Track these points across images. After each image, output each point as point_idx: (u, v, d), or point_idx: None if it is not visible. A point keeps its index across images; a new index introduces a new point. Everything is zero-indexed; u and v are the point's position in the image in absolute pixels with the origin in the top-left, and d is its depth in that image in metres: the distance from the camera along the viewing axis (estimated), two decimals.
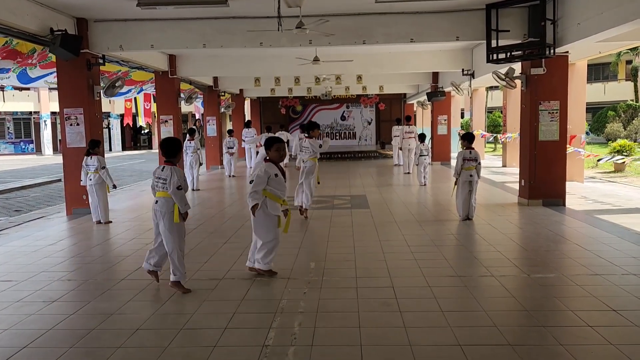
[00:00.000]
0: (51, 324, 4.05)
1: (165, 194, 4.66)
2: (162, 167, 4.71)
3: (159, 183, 4.69)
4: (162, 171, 4.69)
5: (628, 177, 13.67)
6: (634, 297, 4.38)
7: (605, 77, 35.54)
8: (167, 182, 4.61)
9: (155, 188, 4.75)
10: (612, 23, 6.45)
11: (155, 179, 4.74)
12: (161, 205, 4.67)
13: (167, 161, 4.73)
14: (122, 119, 33.68)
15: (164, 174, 4.65)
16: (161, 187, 4.68)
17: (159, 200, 4.70)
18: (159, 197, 4.70)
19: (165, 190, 4.65)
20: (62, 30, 7.88)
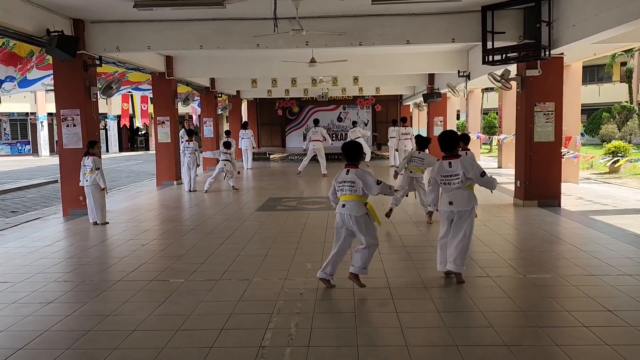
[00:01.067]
0: (47, 325, 4.04)
1: (353, 197, 4.58)
2: (347, 171, 4.64)
3: (345, 186, 4.60)
4: (346, 175, 4.62)
5: (623, 178, 13.74)
6: (629, 297, 4.40)
7: (600, 79, 35.69)
8: (356, 184, 4.56)
9: (342, 192, 4.64)
10: (607, 25, 6.48)
11: (340, 184, 4.65)
12: (350, 209, 4.57)
13: (350, 164, 4.67)
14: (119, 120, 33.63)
15: (349, 177, 4.59)
16: (348, 190, 4.59)
17: (346, 203, 4.60)
18: (346, 201, 4.60)
19: (353, 194, 4.57)
20: (58, 31, 7.88)
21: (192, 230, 7.64)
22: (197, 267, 5.57)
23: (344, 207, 4.59)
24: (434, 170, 4.99)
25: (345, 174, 4.63)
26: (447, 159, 4.84)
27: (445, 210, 4.86)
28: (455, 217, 4.80)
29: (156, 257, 6.14)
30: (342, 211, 4.61)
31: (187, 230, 7.67)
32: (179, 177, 13.51)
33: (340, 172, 4.70)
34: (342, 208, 4.61)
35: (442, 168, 4.82)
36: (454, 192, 4.76)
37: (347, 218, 4.58)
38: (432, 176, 5.01)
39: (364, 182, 4.55)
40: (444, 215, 4.90)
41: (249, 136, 18.25)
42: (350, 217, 4.56)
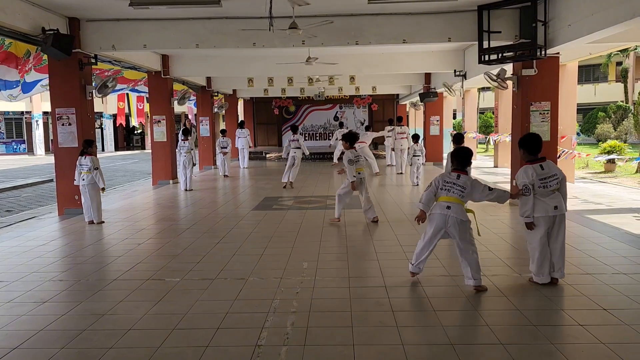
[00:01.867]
0: (42, 324, 4.03)
1: (455, 200, 4.55)
2: (458, 176, 4.60)
3: (454, 188, 4.56)
4: (457, 179, 4.57)
5: (618, 177, 13.78)
6: (624, 296, 4.42)
7: (596, 79, 35.83)
8: (462, 187, 4.53)
9: (448, 192, 4.58)
10: (602, 24, 6.50)
11: (447, 184, 4.60)
12: (455, 212, 4.54)
13: (460, 170, 4.64)
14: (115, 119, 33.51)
15: (460, 181, 4.55)
16: (457, 193, 4.56)
17: (451, 205, 4.55)
18: (451, 203, 4.56)
19: (455, 196, 4.55)
20: (54, 29, 7.85)
21: (188, 230, 7.62)
22: (193, 266, 5.56)
23: (449, 208, 4.55)
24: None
25: (456, 178, 4.59)
26: (456, 172, 4.67)
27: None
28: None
29: (152, 256, 6.13)
30: (446, 212, 4.56)
31: (183, 230, 7.65)
32: (175, 176, 13.49)
33: (450, 174, 4.63)
34: (446, 209, 4.56)
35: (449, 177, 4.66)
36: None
37: (452, 220, 4.54)
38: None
39: (474, 189, 4.56)
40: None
41: (245, 135, 18.23)
42: (455, 219, 4.53)
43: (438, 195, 4.65)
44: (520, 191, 4.67)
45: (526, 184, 4.60)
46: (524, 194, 4.62)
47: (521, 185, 4.65)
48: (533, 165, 4.66)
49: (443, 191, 4.60)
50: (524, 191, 4.62)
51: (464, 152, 4.74)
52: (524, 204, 4.64)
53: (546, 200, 4.61)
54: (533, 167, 4.64)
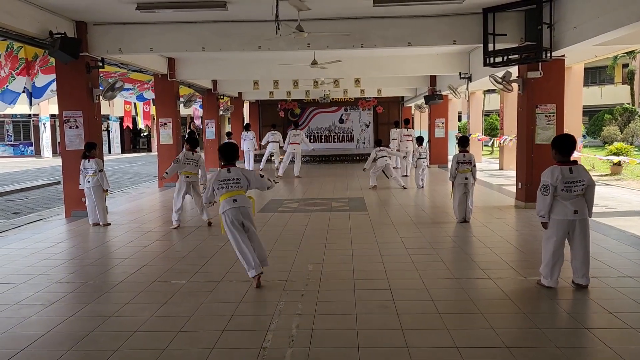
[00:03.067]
0: (49, 326, 4.06)
1: (242, 192, 4.88)
2: (228, 170, 4.88)
3: (231, 183, 4.85)
4: (228, 173, 4.86)
5: (625, 179, 13.72)
6: (630, 299, 4.40)
7: (602, 81, 35.67)
8: (241, 180, 4.85)
9: (228, 189, 4.84)
10: (608, 27, 6.49)
11: (224, 182, 4.86)
12: (242, 201, 4.86)
13: (229, 164, 4.92)
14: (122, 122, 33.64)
15: (233, 175, 4.85)
16: (234, 186, 4.85)
17: (237, 198, 4.84)
18: (238, 196, 4.85)
19: (240, 189, 4.86)
20: (61, 33, 7.91)
21: (193, 232, 7.65)
22: (199, 269, 5.59)
23: (235, 201, 4.84)
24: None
25: (227, 172, 4.86)
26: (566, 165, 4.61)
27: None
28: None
29: (158, 258, 6.16)
30: (235, 205, 4.84)
31: (188, 232, 7.68)
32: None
33: (221, 172, 4.90)
34: (234, 203, 4.84)
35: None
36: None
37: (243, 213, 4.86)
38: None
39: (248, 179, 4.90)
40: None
41: (251, 138, 18.27)
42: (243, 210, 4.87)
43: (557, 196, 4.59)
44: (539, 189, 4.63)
45: (547, 184, 4.54)
46: (542, 193, 4.57)
47: (541, 184, 4.60)
48: (562, 166, 4.56)
49: (563, 192, 4.53)
50: (542, 190, 4.58)
51: (227, 148, 5.03)
52: (540, 202, 4.61)
53: (567, 203, 4.55)
54: (561, 169, 4.54)
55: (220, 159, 4.97)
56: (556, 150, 4.63)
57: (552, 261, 4.66)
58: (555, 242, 4.63)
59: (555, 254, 4.65)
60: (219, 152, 4.98)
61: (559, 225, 4.60)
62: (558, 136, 4.82)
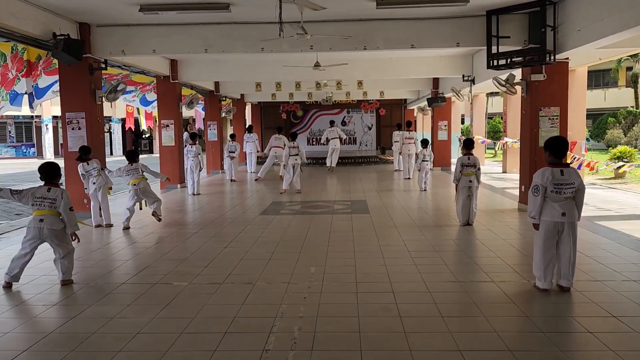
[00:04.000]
0: (51, 327, 4.06)
1: (54, 213, 5.06)
2: (48, 189, 5.07)
3: (45, 203, 5.04)
4: (48, 192, 5.05)
5: (628, 183, 13.68)
6: (634, 303, 4.38)
7: (606, 84, 35.62)
8: (57, 202, 5.05)
9: (40, 207, 5.04)
10: (612, 30, 6.47)
11: (39, 199, 5.05)
12: (50, 223, 5.05)
13: (51, 183, 5.14)
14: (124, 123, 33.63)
15: (51, 195, 5.05)
16: (48, 206, 5.04)
17: (45, 218, 5.03)
18: (46, 216, 5.04)
19: (53, 210, 5.05)
20: (64, 34, 7.94)
21: (195, 234, 7.65)
22: (201, 271, 5.58)
23: (42, 221, 5.03)
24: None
25: (47, 191, 5.06)
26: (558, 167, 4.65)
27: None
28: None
29: (160, 260, 6.16)
30: (39, 225, 5.07)
31: (190, 234, 7.68)
32: (182, 181, 13.55)
33: (39, 189, 5.12)
34: (40, 222, 5.05)
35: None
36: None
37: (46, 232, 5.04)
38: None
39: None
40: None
41: (253, 140, 18.28)
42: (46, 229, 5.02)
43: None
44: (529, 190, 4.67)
45: (537, 185, 4.57)
46: (533, 194, 4.60)
47: (532, 185, 4.64)
48: (553, 168, 4.58)
49: (42, 208, 5.03)
50: (533, 191, 4.61)
51: (48, 167, 5.21)
52: (530, 203, 4.66)
53: (555, 205, 4.58)
54: (552, 170, 4.57)
55: (41, 178, 5.17)
56: (549, 152, 4.66)
57: (544, 262, 4.67)
58: (544, 244, 4.65)
59: (545, 255, 4.66)
60: (40, 171, 5.19)
61: (547, 227, 4.63)
62: (550, 138, 4.84)
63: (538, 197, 4.56)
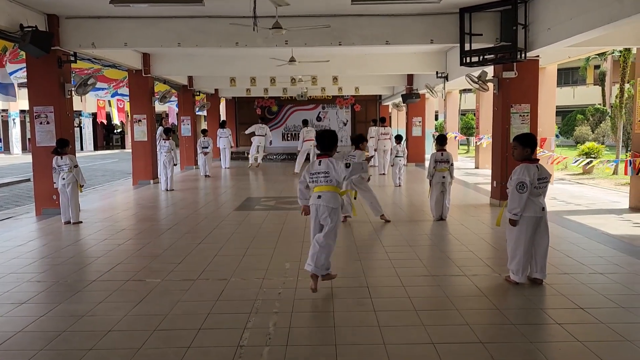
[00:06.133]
0: (20, 326, 3.96)
1: (329, 188, 4.50)
2: (319, 162, 4.54)
3: (320, 177, 4.51)
4: (319, 165, 4.53)
5: (596, 179, 14.05)
6: (600, 295, 4.51)
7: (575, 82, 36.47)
8: (330, 174, 4.48)
9: (316, 183, 4.54)
10: (581, 28, 6.62)
11: (314, 174, 4.54)
12: (327, 200, 4.49)
13: (324, 154, 4.59)
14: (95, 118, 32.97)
15: (323, 168, 4.50)
16: (323, 181, 4.50)
17: (322, 195, 4.50)
18: (323, 192, 4.50)
19: (329, 184, 4.50)
20: (32, 26, 7.72)
21: (169, 230, 7.56)
22: (174, 267, 5.52)
23: (320, 198, 4.51)
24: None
25: (318, 165, 4.56)
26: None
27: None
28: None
29: (132, 257, 6.06)
30: (318, 202, 4.52)
31: (163, 230, 7.59)
32: (155, 176, 13.36)
33: (313, 164, 4.63)
34: (317, 199, 4.53)
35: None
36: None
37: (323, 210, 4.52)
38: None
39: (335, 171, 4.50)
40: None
41: (227, 135, 18.14)
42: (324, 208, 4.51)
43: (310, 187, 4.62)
44: (514, 187, 4.64)
45: (524, 182, 4.57)
46: (519, 191, 4.61)
47: (517, 182, 4.62)
48: (531, 164, 4.66)
49: (318, 184, 4.55)
50: (518, 188, 4.61)
51: (325, 135, 4.68)
52: (515, 200, 4.63)
53: (536, 200, 4.66)
54: (536, 166, 4.65)
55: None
56: (530, 149, 4.71)
57: (525, 258, 4.74)
58: (527, 240, 4.71)
59: (527, 251, 4.74)
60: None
61: (529, 222, 4.69)
62: (527, 135, 4.88)
63: (524, 194, 4.58)
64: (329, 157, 4.57)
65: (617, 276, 5.04)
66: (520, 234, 4.72)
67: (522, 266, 4.76)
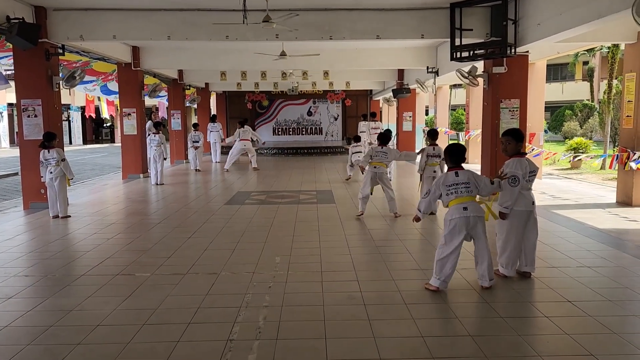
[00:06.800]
0: (8, 320, 3.92)
1: (472, 199, 4.44)
2: (456, 173, 4.45)
3: (461, 188, 4.42)
4: (456, 177, 4.44)
5: (583, 173, 14.17)
6: (588, 288, 4.55)
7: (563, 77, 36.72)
8: (470, 185, 4.41)
9: (457, 194, 4.43)
10: (570, 24, 6.66)
11: (453, 186, 4.43)
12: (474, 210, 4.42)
13: (455, 167, 4.50)
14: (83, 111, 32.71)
15: (462, 179, 4.41)
16: (464, 192, 4.42)
17: (468, 206, 4.40)
18: (468, 203, 4.42)
19: (470, 195, 4.43)
20: (19, 18, 7.61)
21: (158, 224, 7.52)
22: (164, 261, 5.49)
23: (466, 209, 4.40)
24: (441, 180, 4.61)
25: (455, 176, 4.45)
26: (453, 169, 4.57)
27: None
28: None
29: (121, 251, 6.03)
30: (466, 214, 4.40)
31: (153, 224, 7.55)
32: (145, 170, 13.28)
33: (448, 175, 4.49)
34: (464, 211, 4.40)
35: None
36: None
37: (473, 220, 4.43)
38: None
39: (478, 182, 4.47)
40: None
41: (217, 129, 18.07)
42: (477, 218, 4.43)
43: (446, 200, 4.52)
44: (506, 180, 4.61)
45: (517, 175, 4.57)
46: (511, 185, 4.60)
47: (510, 175, 4.60)
48: (522, 158, 4.69)
49: (451, 195, 4.46)
50: (511, 181, 4.60)
51: (455, 149, 4.62)
52: (507, 194, 4.63)
53: (526, 194, 4.70)
54: (527, 160, 4.70)
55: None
56: (521, 143, 4.75)
57: (516, 252, 4.78)
58: (518, 234, 4.74)
59: (518, 245, 4.77)
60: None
61: (520, 216, 4.72)
62: (515, 129, 4.90)
63: (516, 188, 4.59)
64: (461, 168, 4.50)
65: (605, 269, 5.10)
66: (512, 227, 4.75)
67: (511, 260, 4.79)
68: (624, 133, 8.98)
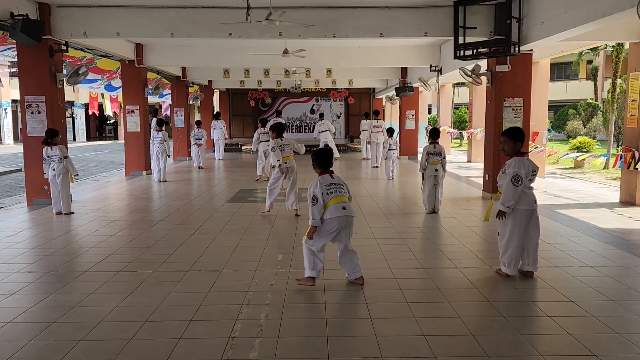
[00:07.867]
0: (10, 316, 3.94)
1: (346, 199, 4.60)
2: (330, 175, 4.58)
3: (338, 188, 4.56)
4: (332, 178, 4.59)
5: (587, 173, 14.13)
6: (590, 288, 4.54)
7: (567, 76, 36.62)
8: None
9: (337, 193, 4.54)
10: (574, 22, 6.63)
11: (333, 186, 4.53)
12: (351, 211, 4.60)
13: (326, 171, 4.62)
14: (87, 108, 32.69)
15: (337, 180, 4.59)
16: (341, 192, 4.58)
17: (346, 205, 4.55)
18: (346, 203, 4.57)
19: (344, 196, 4.60)
20: (23, 15, 7.62)
21: (161, 221, 7.53)
22: (167, 258, 5.50)
23: (345, 209, 4.48)
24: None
25: (331, 177, 4.55)
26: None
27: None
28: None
29: (124, 248, 6.04)
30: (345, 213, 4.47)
31: (156, 221, 7.56)
32: (148, 167, 13.30)
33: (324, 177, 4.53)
34: (343, 210, 4.46)
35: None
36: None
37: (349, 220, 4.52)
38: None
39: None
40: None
41: (220, 127, 18.07)
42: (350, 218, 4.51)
43: (326, 199, 4.52)
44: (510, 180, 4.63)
45: (519, 175, 4.59)
46: (514, 184, 4.61)
47: (512, 174, 4.61)
48: (524, 158, 4.70)
49: (331, 194, 4.51)
50: (514, 181, 4.60)
51: (324, 153, 4.72)
52: (510, 193, 4.63)
53: (529, 193, 4.70)
54: (529, 160, 4.71)
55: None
56: (520, 143, 4.74)
57: (518, 251, 4.77)
58: (520, 233, 4.74)
59: (520, 244, 4.77)
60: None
61: (522, 215, 4.71)
62: (514, 129, 4.88)
63: (519, 187, 4.60)
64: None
65: (608, 269, 5.09)
66: (514, 226, 4.74)
67: (514, 259, 4.79)
68: (628, 132, 8.94)
